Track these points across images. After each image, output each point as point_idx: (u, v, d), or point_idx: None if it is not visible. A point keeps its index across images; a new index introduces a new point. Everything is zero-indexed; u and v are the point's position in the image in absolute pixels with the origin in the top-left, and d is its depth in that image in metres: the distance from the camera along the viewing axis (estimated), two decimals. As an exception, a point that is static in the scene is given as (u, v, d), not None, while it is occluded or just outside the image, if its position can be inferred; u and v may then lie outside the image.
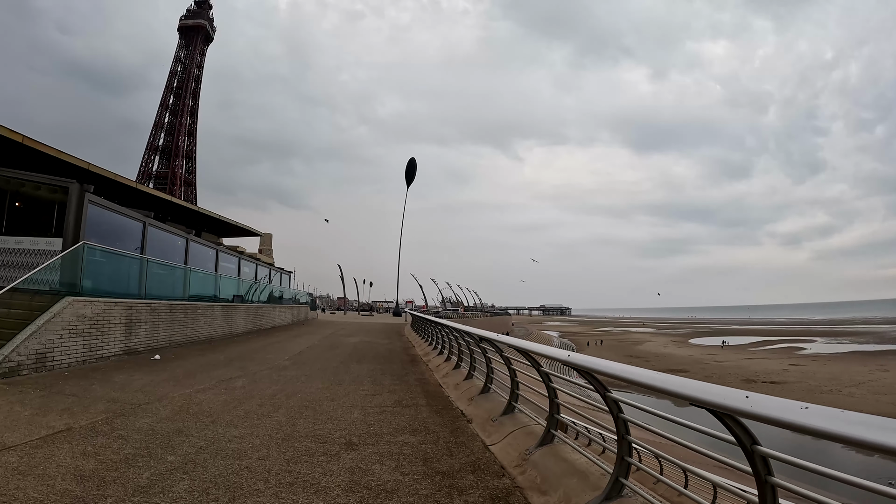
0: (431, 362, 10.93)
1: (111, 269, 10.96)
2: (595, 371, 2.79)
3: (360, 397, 6.93)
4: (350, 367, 10.20)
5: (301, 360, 11.00)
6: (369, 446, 4.62)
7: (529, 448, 4.26)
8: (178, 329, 13.17)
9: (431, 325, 15.04)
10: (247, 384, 7.77)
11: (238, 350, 12.61)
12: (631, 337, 79.59)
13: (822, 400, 28.19)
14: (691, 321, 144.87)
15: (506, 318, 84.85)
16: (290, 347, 13.70)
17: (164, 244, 13.93)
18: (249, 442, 4.71)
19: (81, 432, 4.98)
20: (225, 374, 8.79)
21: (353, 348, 14.10)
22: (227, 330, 16.47)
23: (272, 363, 10.41)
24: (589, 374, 2.89)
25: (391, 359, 11.87)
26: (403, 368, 10.18)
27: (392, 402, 6.69)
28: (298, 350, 13.09)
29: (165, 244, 14.02)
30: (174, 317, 12.97)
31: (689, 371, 39.93)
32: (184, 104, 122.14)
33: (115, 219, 11.44)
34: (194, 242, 15.48)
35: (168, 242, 14.17)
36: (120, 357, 10.55)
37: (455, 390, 7.44)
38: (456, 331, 8.55)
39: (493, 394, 6.46)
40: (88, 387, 7.38)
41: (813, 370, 37.83)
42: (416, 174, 49.38)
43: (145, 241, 12.42)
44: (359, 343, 15.80)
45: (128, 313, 11.00)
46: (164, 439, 4.78)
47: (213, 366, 9.74)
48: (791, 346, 57.82)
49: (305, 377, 8.62)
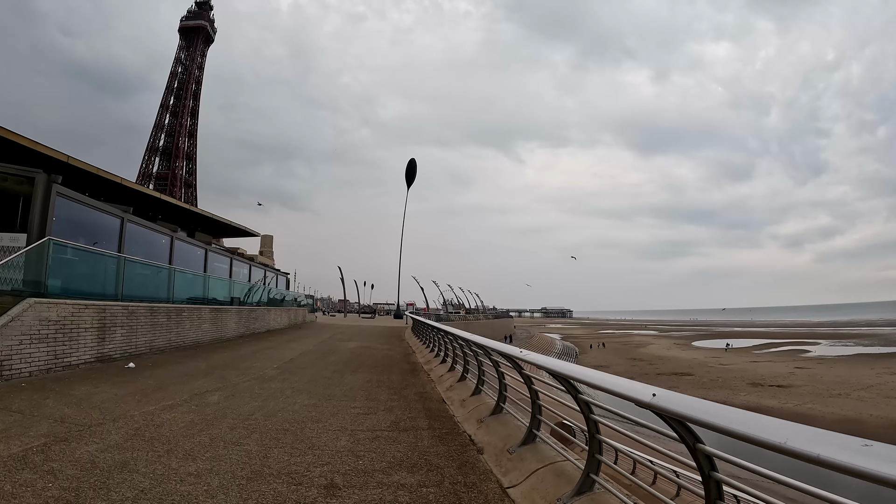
0: (433, 372, 9.94)
1: (83, 267, 10.01)
2: (692, 420, 1.82)
3: (350, 417, 5.95)
4: (344, 377, 9.21)
5: (291, 369, 10.02)
6: (355, 491, 3.63)
7: (563, 497, 3.28)
8: (161, 334, 12.21)
9: (433, 331, 14.06)
10: (222, 399, 6.79)
11: (224, 357, 11.63)
12: (633, 340, 78.48)
13: (833, 404, 26.80)
14: (693, 324, 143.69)
15: (507, 320, 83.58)
16: (282, 354, 12.71)
17: (146, 242, 12.99)
18: (205, 483, 3.73)
19: (5, 464, 4.02)
20: (202, 385, 7.81)
21: (350, 355, 13.12)
22: (216, 334, 15.50)
23: (258, 372, 9.43)
24: (681, 421, 1.92)
25: (390, 367, 10.89)
26: (403, 379, 9.19)
27: (388, 423, 5.70)
28: (290, 357, 12.11)
29: (148, 242, 13.08)
30: (156, 320, 12.01)
31: (693, 374, 38.99)
32: (184, 105, 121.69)
33: (89, 213, 10.49)
34: (181, 241, 14.53)
35: (151, 240, 13.23)
36: (91, 365, 9.59)
37: (461, 408, 6.45)
38: (461, 339, 7.57)
39: (506, 415, 5.46)
40: (41, 401, 6.41)
41: (819, 373, 36.75)
42: (416, 175, 48.67)
43: (123, 238, 11.47)
44: (356, 349, 14.82)
45: (101, 317, 10.05)
46: (102, 476, 3.81)
47: (190, 376, 8.77)
48: (795, 348, 57.15)
49: (292, 390, 7.64)
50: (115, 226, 11.31)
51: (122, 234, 11.42)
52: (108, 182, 11.90)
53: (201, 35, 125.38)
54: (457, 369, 8.99)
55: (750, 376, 37.06)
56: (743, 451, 1.91)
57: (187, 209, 19.50)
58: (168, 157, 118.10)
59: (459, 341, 7.89)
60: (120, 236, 11.42)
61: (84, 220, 10.44)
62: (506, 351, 4.93)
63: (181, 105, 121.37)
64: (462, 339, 7.57)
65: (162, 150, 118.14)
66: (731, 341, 65.52)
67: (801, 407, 25.34)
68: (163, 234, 13.68)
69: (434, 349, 13.48)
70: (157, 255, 13.45)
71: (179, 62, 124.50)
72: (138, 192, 13.47)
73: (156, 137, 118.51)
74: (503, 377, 5.58)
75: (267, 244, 48.89)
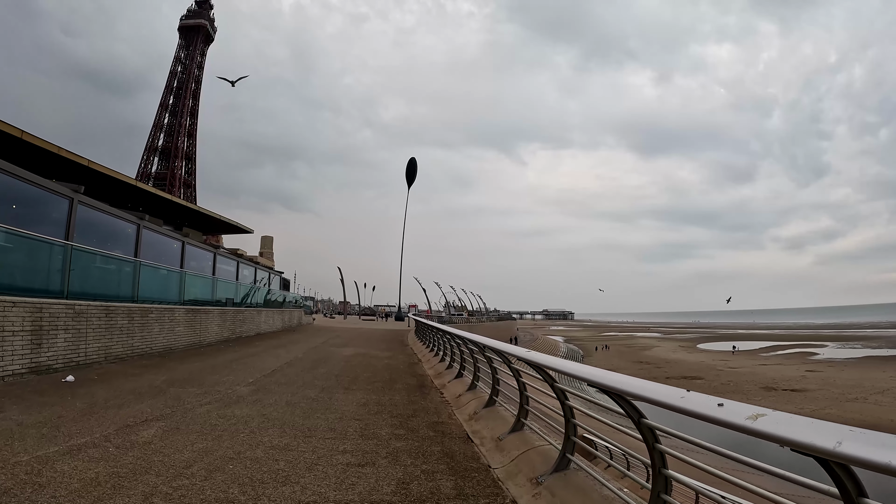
0: (447, 389, 7.94)
1: (11, 256, 8.06)
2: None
3: (336, 473, 3.94)
4: (334, 397, 7.21)
5: (268, 385, 8.01)
6: None
7: None
8: (120, 338, 10.24)
9: (439, 335, 12.10)
10: (158, 437, 4.81)
11: (192, 368, 9.65)
12: (637, 342, 76.70)
13: (850, 409, 25.46)
14: (696, 326, 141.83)
15: (511, 322, 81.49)
16: (264, 363, 10.72)
17: (104, 230, 11.02)
18: None
19: None
20: (143, 411, 5.84)
21: (345, 364, 11.09)
22: (194, 339, 13.53)
23: (226, 390, 7.44)
24: None
25: (392, 382, 8.88)
26: (409, 401, 7.18)
27: (393, 485, 3.69)
28: (273, 367, 10.12)
29: (107, 230, 11.11)
30: (113, 323, 10.05)
31: (703, 378, 37.46)
32: (184, 105, 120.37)
33: (25, 190, 8.52)
34: (150, 231, 12.54)
35: (111, 228, 11.24)
36: (20, 378, 7.65)
37: (499, 453, 4.46)
38: (490, 350, 5.59)
39: (581, 474, 3.47)
40: None
41: (832, 376, 35.86)
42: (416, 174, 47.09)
43: (73, 222, 9.50)
44: (353, 357, 12.81)
45: (36, 318, 8.10)
46: None
47: (137, 395, 6.79)
48: (803, 351, 56.19)
49: (261, 420, 5.65)
50: (61, 208, 9.34)
51: (70, 218, 9.45)
52: (50, 154, 9.85)
53: (201, 34, 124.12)
54: (479, 388, 7.00)
55: (761, 380, 35.98)
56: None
57: (171, 200, 17.51)
58: (167, 157, 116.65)
59: (488, 353, 5.89)
60: (68, 221, 9.45)
61: (19, 198, 8.48)
62: (574, 371, 3.01)
63: (180, 104, 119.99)
64: (492, 350, 5.59)
65: (161, 150, 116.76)
66: (736, 344, 64.54)
67: (820, 412, 24.31)
68: (127, 222, 11.68)
69: (441, 355, 11.53)
70: (119, 245, 11.48)
71: (179, 61, 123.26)
72: (95, 172, 11.42)
73: (155, 137, 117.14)
74: (571, 414, 3.59)
75: (267, 245, 47.18)
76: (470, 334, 7.37)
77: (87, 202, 9.97)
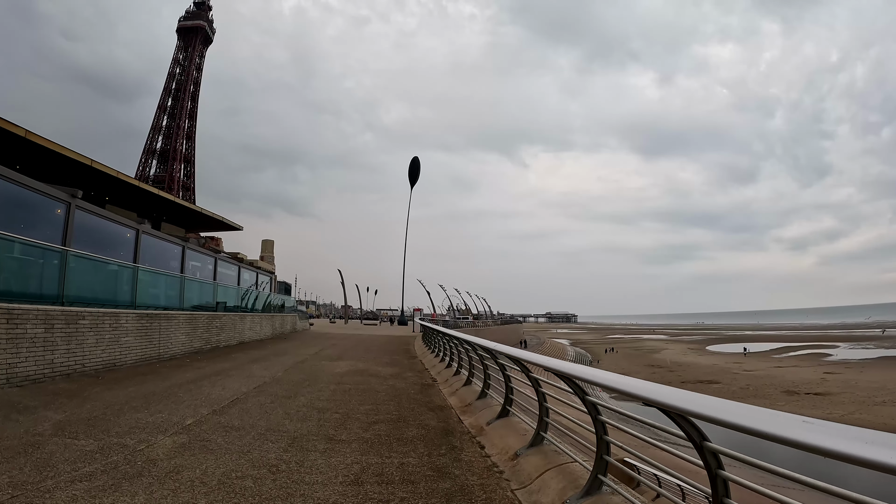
0: (488, 437, 5.09)
1: None
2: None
3: None
4: (306, 462, 4.36)
5: (209, 434, 5.13)
6: None
7: None
8: (31, 354, 7.50)
9: (455, 344, 9.35)
10: None
11: (118, 397, 6.84)
12: (645, 345, 73.95)
13: (880, 413, 22.76)
14: (701, 327, 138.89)
15: (517, 326, 78.48)
16: (224, 389, 7.88)
17: (21, 210, 8.28)
18: None
19: None
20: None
21: (334, 391, 8.15)
22: (149, 351, 10.76)
23: (133, 447, 4.62)
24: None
25: (401, 423, 6.01)
26: (434, 469, 4.31)
27: None
28: (234, 395, 7.30)
29: (24, 210, 8.36)
30: (18, 333, 7.31)
31: (720, 382, 34.94)
32: (182, 107, 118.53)
33: None
34: (85, 212, 9.75)
35: (32, 207, 8.49)
36: None
37: None
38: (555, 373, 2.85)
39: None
40: None
41: (852, 378, 33.69)
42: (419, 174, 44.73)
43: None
44: (347, 376, 9.94)
45: None
46: None
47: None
48: (815, 352, 54.28)
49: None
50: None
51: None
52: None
53: (199, 35, 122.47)
54: (547, 443, 4.16)
55: (780, 383, 33.94)
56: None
57: (141, 188, 14.76)
58: (165, 160, 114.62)
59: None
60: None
61: None
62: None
63: (179, 107, 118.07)
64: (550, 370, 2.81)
65: (159, 153, 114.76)
66: (747, 345, 62.29)
67: (849, 417, 22.65)
68: (55, 200, 8.91)
69: (457, 368, 8.79)
70: (43, 229, 8.73)
71: (177, 63, 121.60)
72: (32, 143, 8.67)
73: (153, 139, 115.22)
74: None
75: (268, 249, 44.61)
76: (508, 348, 4.84)
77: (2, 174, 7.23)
